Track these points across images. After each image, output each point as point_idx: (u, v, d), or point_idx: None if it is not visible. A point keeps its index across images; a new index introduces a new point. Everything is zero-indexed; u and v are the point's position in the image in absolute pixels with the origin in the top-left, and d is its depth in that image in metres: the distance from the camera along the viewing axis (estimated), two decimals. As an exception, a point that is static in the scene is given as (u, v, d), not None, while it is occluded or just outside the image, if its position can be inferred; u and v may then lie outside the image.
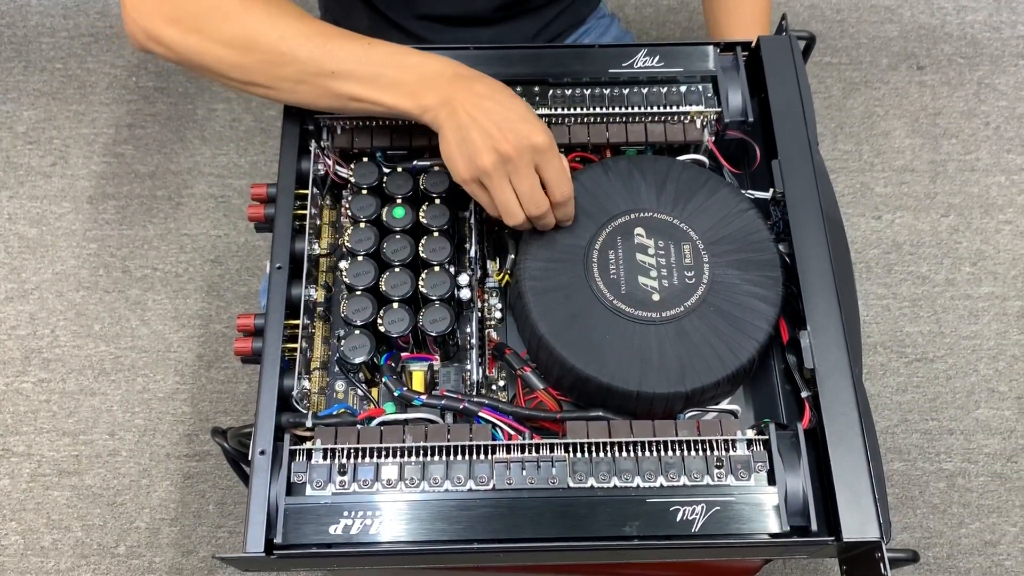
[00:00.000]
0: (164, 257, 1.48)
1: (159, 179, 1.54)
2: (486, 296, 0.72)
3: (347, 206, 0.72)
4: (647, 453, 0.60)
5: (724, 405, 0.67)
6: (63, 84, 1.63)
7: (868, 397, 1.35)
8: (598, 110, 0.73)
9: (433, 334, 0.64)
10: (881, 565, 0.57)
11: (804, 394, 0.65)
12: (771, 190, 0.72)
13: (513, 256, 0.70)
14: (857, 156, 1.56)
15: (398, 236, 0.68)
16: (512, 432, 0.62)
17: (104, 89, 1.62)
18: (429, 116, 0.64)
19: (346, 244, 0.68)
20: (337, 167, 0.72)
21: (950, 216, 1.51)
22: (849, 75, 1.63)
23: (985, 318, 1.43)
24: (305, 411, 0.63)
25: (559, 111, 0.73)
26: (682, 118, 0.74)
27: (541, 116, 0.72)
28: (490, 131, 0.61)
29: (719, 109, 0.73)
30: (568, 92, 0.74)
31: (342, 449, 0.60)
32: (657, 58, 0.75)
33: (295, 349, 0.64)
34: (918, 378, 1.39)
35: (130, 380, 1.38)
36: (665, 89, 0.74)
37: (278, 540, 0.57)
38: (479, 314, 0.70)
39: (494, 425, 0.62)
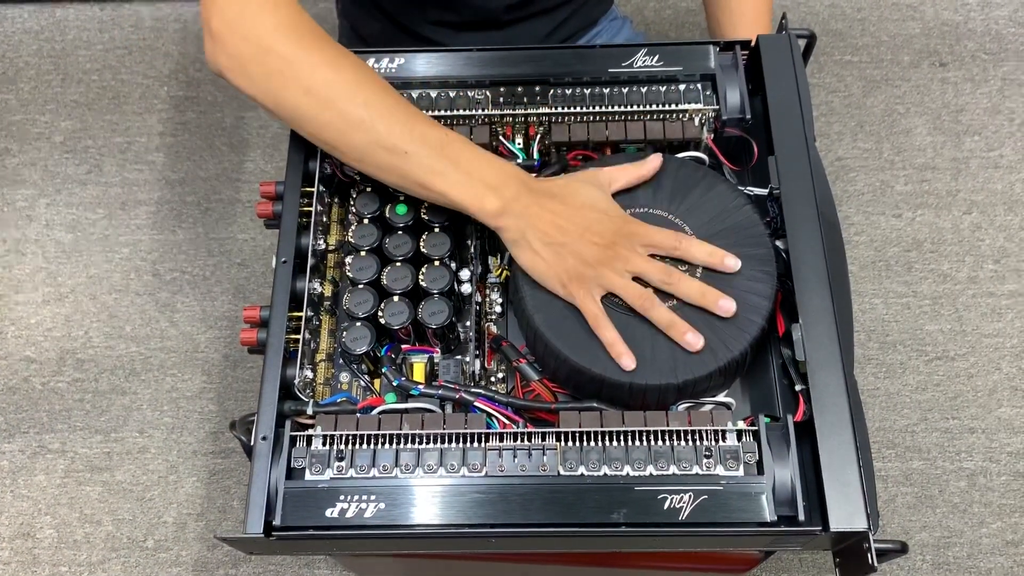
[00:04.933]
0: (192, 260, 1.52)
1: (188, 185, 1.59)
2: (487, 291, 0.73)
3: (353, 204, 0.74)
4: (637, 442, 0.61)
5: (720, 398, 0.68)
6: (98, 95, 1.68)
7: (887, 396, 1.35)
8: (598, 108, 0.74)
9: (432, 326, 0.66)
10: (868, 556, 0.58)
11: (799, 388, 0.66)
12: (769, 186, 0.72)
13: (511, 251, 0.71)
14: (877, 154, 1.55)
15: (400, 232, 0.70)
16: (507, 422, 0.64)
17: (137, 99, 1.68)
18: (497, 222, 0.65)
19: (350, 240, 0.70)
20: (344, 166, 0.74)
21: (973, 213, 1.49)
22: (870, 73, 1.62)
23: (1008, 316, 1.41)
24: (308, 400, 0.65)
25: (560, 110, 0.74)
26: (681, 116, 0.75)
27: (543, 115, 0.74)
28: (579, 235, 0.64)
29: (717, 107, 0.74)
30: (569, 91, 0.75)
31: (341, 436, 0.62)
32: (656, 57, 0.76)
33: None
34: (938, 376, 1.38)
35: (159, 380, 1.42)
36: (664, 88, 0.75)
37: (277, 522, 0.59)
38: (478, 308, 0.71)
39: (489, 415, 0.64)
